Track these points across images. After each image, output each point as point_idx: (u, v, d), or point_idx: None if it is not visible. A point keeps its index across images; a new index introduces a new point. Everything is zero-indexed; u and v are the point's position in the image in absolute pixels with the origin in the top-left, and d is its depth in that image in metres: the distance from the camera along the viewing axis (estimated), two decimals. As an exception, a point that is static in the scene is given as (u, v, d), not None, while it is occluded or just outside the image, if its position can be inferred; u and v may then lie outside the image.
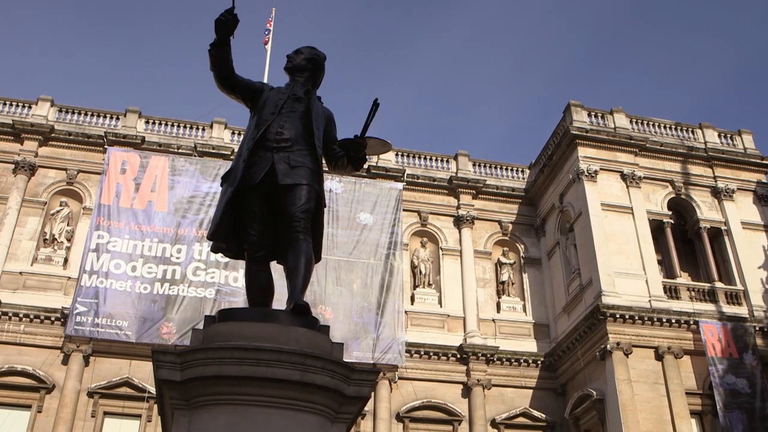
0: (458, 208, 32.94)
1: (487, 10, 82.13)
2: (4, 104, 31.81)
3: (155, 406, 23.34)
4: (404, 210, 31.60)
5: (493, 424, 28.47)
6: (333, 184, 30.08)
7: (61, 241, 29.43)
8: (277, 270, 7.21)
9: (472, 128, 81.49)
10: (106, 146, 30.59)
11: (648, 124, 32.10)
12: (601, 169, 29.85)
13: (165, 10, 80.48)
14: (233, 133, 32.71)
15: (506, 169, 35.02)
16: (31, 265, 28.67)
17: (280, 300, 6.82)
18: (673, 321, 26.89)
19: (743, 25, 75.53)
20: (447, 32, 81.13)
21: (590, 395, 26.72)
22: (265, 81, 26.32)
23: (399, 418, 28.02)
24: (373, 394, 23.04)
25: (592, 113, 31.58)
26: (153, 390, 21.58)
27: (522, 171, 34.89)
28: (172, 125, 32.76)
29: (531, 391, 29.62)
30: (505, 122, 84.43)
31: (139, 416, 26.29)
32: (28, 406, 26.06)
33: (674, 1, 78.25)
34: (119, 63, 79.48)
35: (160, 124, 32.65)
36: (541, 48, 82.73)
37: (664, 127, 32.23)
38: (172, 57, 79.95)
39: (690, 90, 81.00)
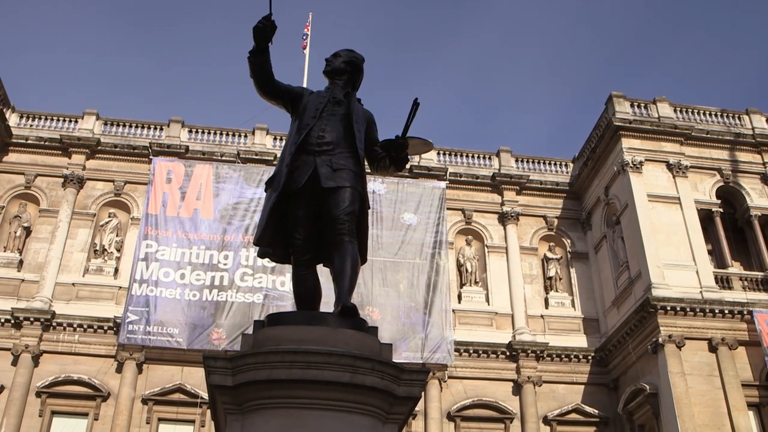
0: (502, 204, 32.74)
1: (523, 3, 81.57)
2: (52, 120, 32.51)
3: (208, 412, 23.60)
4: (448, 208, 31.51)
5: (546, 421, 28.24)
6: (376, 186, 30.13)
7: (111, 252, 29.94)
8: (323, 273, 7.24)
9: (513, 124, 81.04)
10: (151, 157, 31.05)
11: (693, 112, 31.55)
12: (646, 159, 29.42)
13: (203, 20, 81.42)
14: (275, 139, 32.97)
15: (549, 163, 34.72)
16: (83, 276, 29.24)
17: (327, 303, 6.85)
18: (726, 311, 26.38)
19: (788, 7, 73.84)
20: (483, 27, 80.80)
21: (643, 389, 26.34)
22: (305, 85, 26.50)
23: (450, 417, 27.95)
24: (423, 394, 23.01)
25: (635, 103, 31.14)
26: (205, 395, 21.80)
27: (565, 165, 34.57)
28: (215, 133, 33.12)
29: (582, 386, 29.33)
30: (547, 116, 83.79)
31: (192, 422, 26.63)
32: (85, 414, 26.60)
33: (715, -14, 76.86)
34: (160, 74, 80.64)
35: (203, 132, 33.04)
36: (580, 39, 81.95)
37: (710, 115, 31.64)
38: (212, 65, 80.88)
39: (735, 75, 79.50)
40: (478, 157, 34.30)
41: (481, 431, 28.14)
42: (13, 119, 31.79)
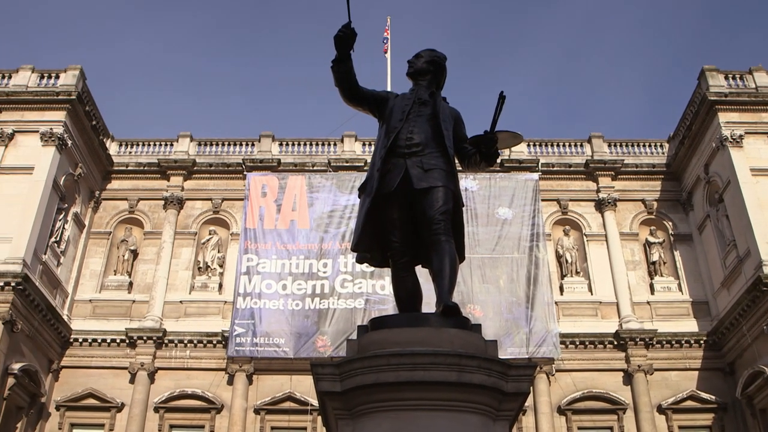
0: (598, 191, 32.07)
1: (604, -14, 79.70)
2: (148, 145, 33.76)
3: (319, 418, 23.95)
4: (543, 200, 31.08)
5: (660, 409, 27.49)
6: (468, 183, 29.99)
7: (214, 268, 30.80)
8: (422, 274, 7.25)
9: (603, 108, 79.23)
10: (245, 173, 31.80)
11: (793, 79, 30.15)
12: (746, 133, 28.30)
13: (285, 33, 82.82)
14: (364, 145, 33.25)
15: (644, 145, 33.78)
16: (189, 293, 30.18)
17: (428, 303, 6.86)
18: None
19: None
20: (563, 11, 79.39)
21: (762, 372, 25.29)
22: (389, 89, 26.66)
23: (560, 411, 27.54)
24: (531, 389, 22.76)
25: (729, 75, 30.00)
26: (315, 402, 22.18)
27: (661, 146, 33.57)
28: (305, 144, 33.66)
29: (696, 372, 28.39)
30: (637, 97, 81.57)
31: (304, 429, 27.07)
32: (201, 427, 27.42)
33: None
34: (247, 90, 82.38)
35: (293, 144, 33.62)
36: (665, 14, 79.50)
37: (812, 80, 30.19)
38: (297, 76, 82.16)
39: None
40: (570, 145, 33.72)
41: (594, 424, 27.62)
42: (113, 148, 33.16)
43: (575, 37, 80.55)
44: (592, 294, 30.19)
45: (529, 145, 33.19)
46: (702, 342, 28.65)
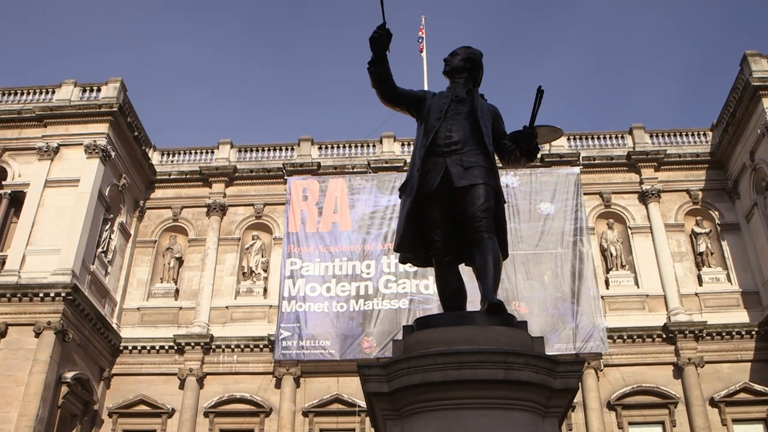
0: (641, 183, 31.67)
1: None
2: (190, 153, 34.21)
3: (367, 419, 23.99)
4: (585, 193, 30.77)
5: (712, 402, 27.01)
6: (509, 179, 29.81)
7: (258, 273, 31.05)
8: (466, 272, 7.23)
9: (643, 98, 78.16)
10: (285, 177, 32.03)
11: (839, 61, 29.46)
12: (792, 117, 27.72)
13: (319, 35, 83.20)
14: (403, 145, 33.27)
15: (686, 135, 33.27)
16: (235, 298, 30.46)
17: (473, 302, 6.84)
18: None
19: None
20: (598, 1, 78.52)
21: (817, 361, 24.77)
22: (425, 88, 26.63)
23: (610, 406, 27.24)
24: (579, 385, 22.57)
25: (773, 60, 29.42)
26: (363, 404, 22.25)
27: (704, 134, 33.02)
28: (344, 147, 33.78)
29: (749, 364, 27.84)
30: (678, 86, 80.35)
31: (352, 430, 27.15)
32: (250, 431, 27.71)
33: None
34: (285, 94, 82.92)
35: (332, 147, 33.76)
36: (704, 0, 78.14)
37: None
38: (334, 79, 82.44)
39: None
40: (611, 138, 33.35)
41: (644, 419, 27.26)
42: (155, 157, 33.66)
43: (612, 27, 79.67)
44: (638, 287, 29.81)
45: (569, 139, 32.89)
46: (753, 333, 28.10)
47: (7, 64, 73.84)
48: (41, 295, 25.28)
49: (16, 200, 28.25)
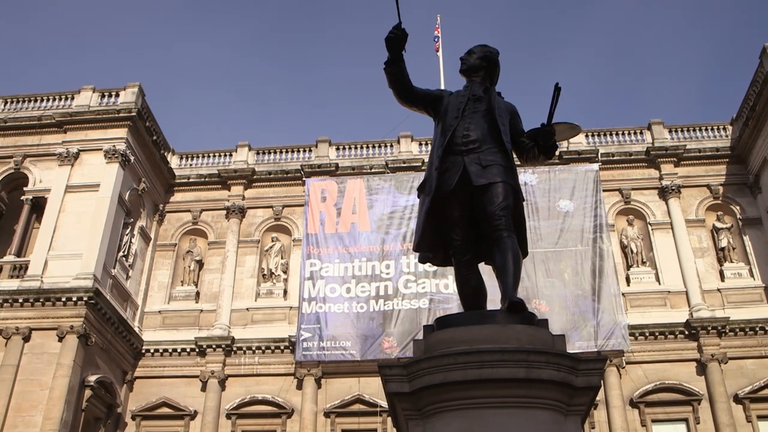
0: (661, 179, 31.46)
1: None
2: (208, 156, 34.38)
3: (389, 419, 24.02)
4: (604, 190, 30.60)
5: (737, 399, 26.77)
6: (527, 177, 29.70)
7: (278, 274, 31.14)
8: (485, 271, 7.21)
9: (660, 94, 77.70)
10: (303, 178, 32.11)
11: None
12: (813, 110, 27.42)
13: (335, 36, 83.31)
14: (420, 144, 33.25)
15: (706, 129, 32.99)
16: (255, 300, 30.57)
17: (493, 300, 6.82)
18: None
19: None
20: None
21: (843, 356, 24.50)
22: (442, 87, 26.61)
23: (633, 404, 27.06)
24: (602, 382, 22.45)
25: (793, 52, 29.12)
26: (384, 404, 22.24)
27: (724, 128, 32.73)
28: (361, 147, 33.81)
29: (774, 359, 27.61)
30: (696, 80, 79.76)
31: (374, 430, 27.15)
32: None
33: None
34: (301, 96, 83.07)
35: (349, 148, 33.79)
36: (723, -4, 77.39)
37: None
38: (350, 80, 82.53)
39: None
40: (629, 134, 33.15)
41: (668, 416, 27.06)
42: (174, 161, 33.84)
43: (628, 22, 79.19)
44: (659, 284, 29.62)
45: (587, 136, 32.75)
46: (777, 328, 27.84)
47: (26, 71, 74.57)
48: (63, 299, 25.52)
49: (38, 206, 28.52)
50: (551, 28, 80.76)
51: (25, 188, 28.91)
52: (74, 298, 25.48)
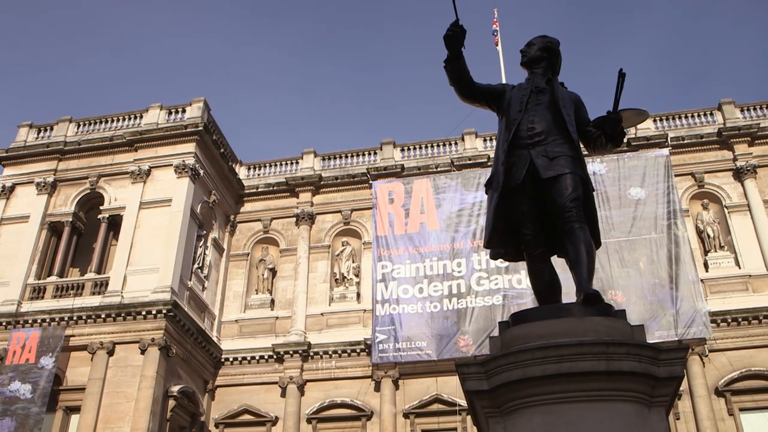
0: (735, 160, 30.58)
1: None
2: (275, 165, 34.86)
3: (469, 418, 23.93)
4: (676, 175, 29.92)
5: (830, 382, 25.86)
6: (596, 167, 29.24)
7: (350, 278, 31.36)
8: (558, 264, 7.13)
9: (729, 73, 75.63)
10: (370, 182, 32.25)
11: None
12: None
13: (394, 36, 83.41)
14: (485, 140, 33.08)
15: (780, 106, 31.96)
16: (329, 305, 30.84)
17: (568, 293, 6.74)
18: None
19: None
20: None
21: None
22: (503, 81, 26.40)
23: (718, 392, 26.31)
24: (685, 372, 21.91)
25: None
26: (463, 402, 22.18)
27: (799, 103, 31.65)
28: (426, 147, 33.80)
29: None
30: (765, 57, 77.30)
31: (454, 429, 27.08)
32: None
33: None
34: (364, 98, 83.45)
35: (414, 149, 33.83)
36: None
37: None
38: (411, 80, 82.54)
39: None
40: (699, 116, 32.33)
41: (757, 404, 26.21)
42: (242, 172, 34.44)
43: (691, 2, 77.19)
44: (740, 268, 28.79)
45: (655, 121, 32.07)
46: None
47: (96, 94, 76.72)
48: (144, 313, 26.19)
49: (114, 223, 29.35)
50: (611, 12, 79.39)
51: (101, 207, 29.81)
52: (154, 312, 26.13)
